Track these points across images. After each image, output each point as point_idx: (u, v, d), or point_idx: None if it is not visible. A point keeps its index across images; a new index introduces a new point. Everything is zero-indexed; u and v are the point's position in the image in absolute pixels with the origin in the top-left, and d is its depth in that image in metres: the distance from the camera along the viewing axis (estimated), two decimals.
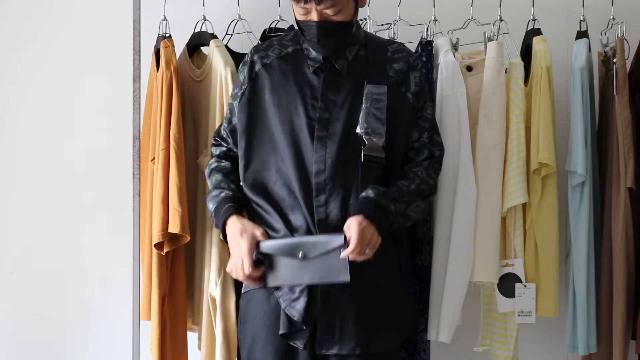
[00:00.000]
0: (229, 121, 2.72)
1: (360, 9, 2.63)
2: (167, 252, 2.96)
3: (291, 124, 2.58)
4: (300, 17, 2.56)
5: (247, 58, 2.69)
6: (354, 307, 2.53)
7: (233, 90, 2.74)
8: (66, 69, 3.51)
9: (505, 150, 2.97)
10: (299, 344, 2.55)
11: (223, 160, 2.74)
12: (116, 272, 3.47)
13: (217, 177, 2.70)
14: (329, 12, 2.52)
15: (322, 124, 2.57)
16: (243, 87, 2.67)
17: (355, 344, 2.53)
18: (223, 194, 2.65)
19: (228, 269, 2.61)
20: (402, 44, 2.75)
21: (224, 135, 2.75)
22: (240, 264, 2.55)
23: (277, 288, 2.58)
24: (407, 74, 2.64)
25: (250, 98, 2.65)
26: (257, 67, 2.66)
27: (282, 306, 2.56)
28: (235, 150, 2.71)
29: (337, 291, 2.52)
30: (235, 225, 2.58)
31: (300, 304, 2.54)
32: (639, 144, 2.99)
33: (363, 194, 2.52)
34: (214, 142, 2.79)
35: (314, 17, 2.52)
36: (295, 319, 2.54)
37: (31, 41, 3.53)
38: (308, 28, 2.55)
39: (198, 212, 3.07)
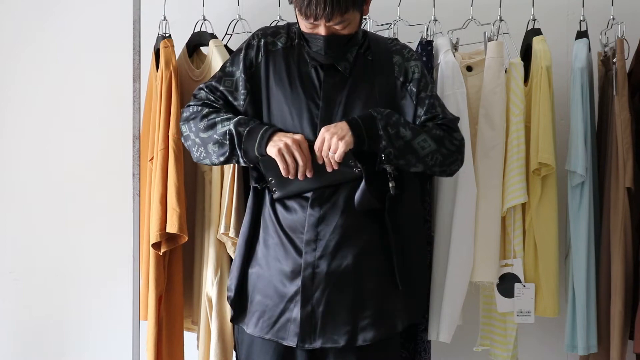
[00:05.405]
0: (233, 97, 2.65)
1: None
2: (164, 252, 2.96)
3: (293, 121, 2.58)
4: (306, 30, 2.54)
5: (254, 42, 2.65)
6: (336, 300, 2.53)
7: (230, 66, 2.66)
8: (66, 69, 3.51)
9: (505, 150, 2.97)
10: (290, 343, 2.56)
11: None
12: (116, 272, 3.47)
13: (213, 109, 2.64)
14: (337, 27, 2.51)
15: (324, 122, 2.56)
16: (250, 70, 2.63)
17: (338, 337, 2.53)
18: (241, 117, 2.58)
19: (279, 144, 2.50)
20: (397, 39, 2.75)
21: (212, 100, 2.66)
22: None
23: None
24: (403, 66, 2.63)
25: (253, 89, 2.63)
26: (262, 53, 2.63)
27: None
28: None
29: (317, 285, 2.53)
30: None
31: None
32: (638, 144, 2.99)
33: None
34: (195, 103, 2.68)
35: (321, 31, 2.51)
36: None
37: (31, 41, 3.53)
38: (314, 41, 2.54)
39: (197, 212, 3.06)
